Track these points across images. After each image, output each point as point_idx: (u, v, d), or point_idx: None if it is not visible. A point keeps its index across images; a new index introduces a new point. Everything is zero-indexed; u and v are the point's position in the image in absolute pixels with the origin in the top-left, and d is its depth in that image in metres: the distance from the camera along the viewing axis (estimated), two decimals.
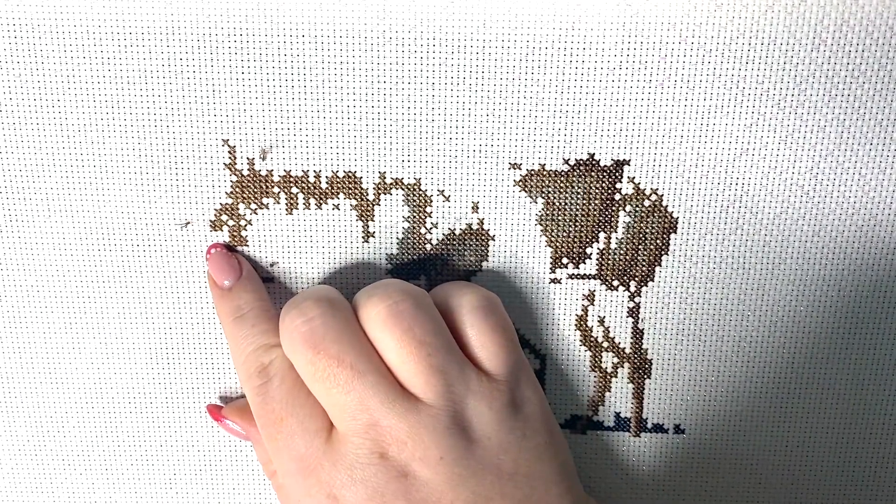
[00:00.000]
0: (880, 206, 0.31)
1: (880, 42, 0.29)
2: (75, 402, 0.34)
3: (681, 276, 0.33)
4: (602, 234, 0.32)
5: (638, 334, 0.33)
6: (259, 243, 0.33)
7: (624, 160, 0.31)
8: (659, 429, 0.34)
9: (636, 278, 0.33)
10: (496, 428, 0.29)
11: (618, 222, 0.32)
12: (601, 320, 0.33)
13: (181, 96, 0.30)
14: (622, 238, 0.32)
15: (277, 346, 0.30)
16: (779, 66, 0.30)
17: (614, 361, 0.34)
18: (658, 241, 0.32)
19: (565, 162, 0.31)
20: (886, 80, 0.30)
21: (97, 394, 0.34)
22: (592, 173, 0.31)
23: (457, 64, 0.30)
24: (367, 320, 0.29)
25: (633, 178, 0.31)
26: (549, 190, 0.32)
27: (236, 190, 0.32)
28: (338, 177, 0.32)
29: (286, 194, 0.32)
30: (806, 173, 0.31)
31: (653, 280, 0.33)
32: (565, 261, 0.33)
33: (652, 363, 0.34)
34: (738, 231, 0.32)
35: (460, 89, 0.30)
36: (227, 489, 0.35)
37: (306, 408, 0.29)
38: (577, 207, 0.32)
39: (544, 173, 0.31)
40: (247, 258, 0.33)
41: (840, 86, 0.30)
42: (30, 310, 0.33)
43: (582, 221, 0.32)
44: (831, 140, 0.31)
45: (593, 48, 0.30)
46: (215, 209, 0.32)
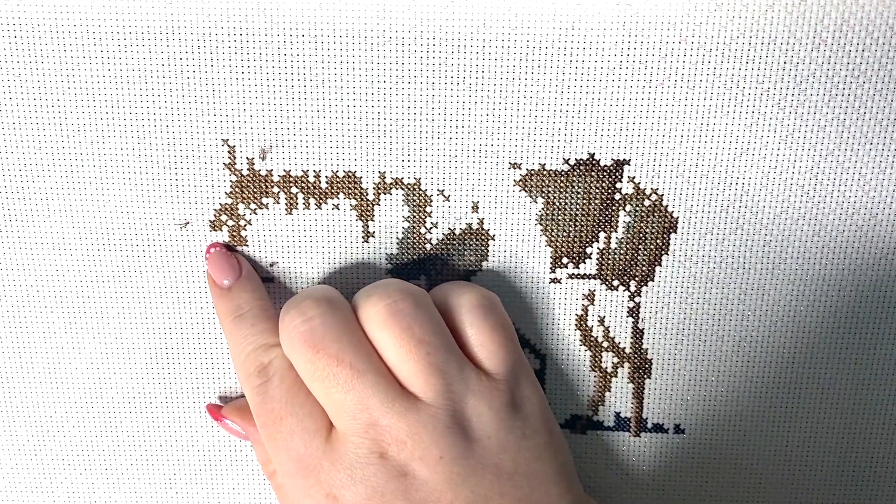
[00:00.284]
0: (880, 205, 0.31)
1: (880, 42, 0.29)
2: (75, 401, 0.34)
3: (681, 275, 0.33)
4: (602, 234, 0.32)
5: (638, 334, 0.33)
6: (259, 243, 0.32)
7: (624, 160, 0.31)
8: (659, 429, 0.34)
9: (636, 278, 0.33)
10: (496, 427, 0.29)
11: (618, 222, 0.32)
12: (601, 320, 0.33)
13: (181, 96, 0.30)
14: (622, 238, 0.32)
15: (277, 345, 0.30)
16: (779, 65, 0.30)
17: (614, 361, 0.34)
18: (658, 240, 0.32)
19: (565, 162, 0.31)
20: (886, 79, 0.30)
21: (97, 393, 0.34)
22: (592, 173, 0.31)
23: (457, 64, 0.30)
24: (367, 319, 0.29)
25: (634, 177, 0.31)
26: (550, 190, 0.32)
27: (236, 190, 0.32)
28: (338, 177, 0.32)
29: (286, 194, 0.32)
30: (806, 173, 0.31)
31: (653, 280, 0.33)
32: (565, 260, 0.33)
33: (652, 363, 0.34)
34: (739, 231, 0.32)
35: (460, 89, 0.30)
36: (226, 489, 0.35)
37: (306, 407, 0.29)
38: (578, 207, 0.32)
39: (544, 173, 0.31)
40: (246, 258, 0.33)
41: (840, 85, 0.30)
42: (29, 309, 0.33)
43: (582, 221, 0.32)
44: (831, 140, 0.31)
45: (593, 48, 0.30)
46: (215, 209, 0.32)
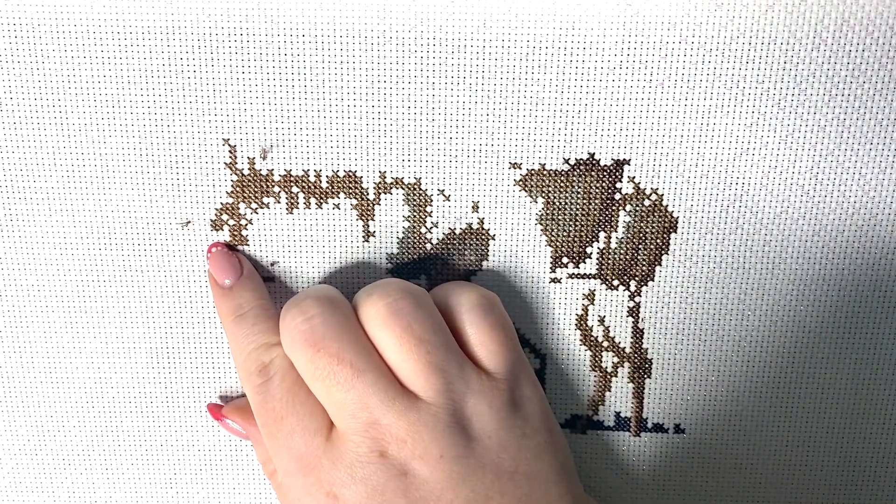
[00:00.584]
0: (880, 205, 0.31)
1: (881, 42, 0.29)
2: (75, 401, 0.34)
3: (681, 275, 0.33)
4: (602, 234, 0.32)
5: (638, 334, 0.33)
6: (259, 243, 0.33)
7: (624, 160, 0.31)
8: (659, 428, 0.34)
9: (636, 278, 0.33)
10: (496, 426, 0.29)
11: (618, 222, 0.32)
12: (601, 320, 0.33)
13: (182, 95, 0.30)
14: (622, 238, 0.32)
15: (278, 344, 0.30)
16: (779, 65, 0.30)
17: (614, 361, 0.34)
18: (658, 240, 0.32)
19: (565, 161, 0.31)
20: (887, 79, 0.30)
21: (97, 393, 0.34)
22: (593, 173, 0.31)
23: (457, 63, 0.30)
24: (367, 318, 0.29)
25: (634, 177, 0.31)
26: (550, 189, 0.32)
27: (237, 189, 0.32)
28: (338, 176, 0.32)
29: (287, 194, 0.32)
30: (806, 173, 0.31)
31: (653, 280, 0.33)
32: (565, 260, 0.33)
33: (652, 363, 0.34)
34: (739, 231, 0.32)
35: (461, 89, 0.30)
36: (226, 489, 0.35)
37: (306, 406, 0.29)
38: (578, 207, 0.32)
39: (544, 173, 0.31)
40: (247, 257, 0.33)
41: (840, 85, 0.30)
42: (30, 309, 0.33)
43: (582, 221, 0.32)
44: (831, 140, 0.31)
45: (594, 48, 0.30)
46: (216, 208, 0.32)
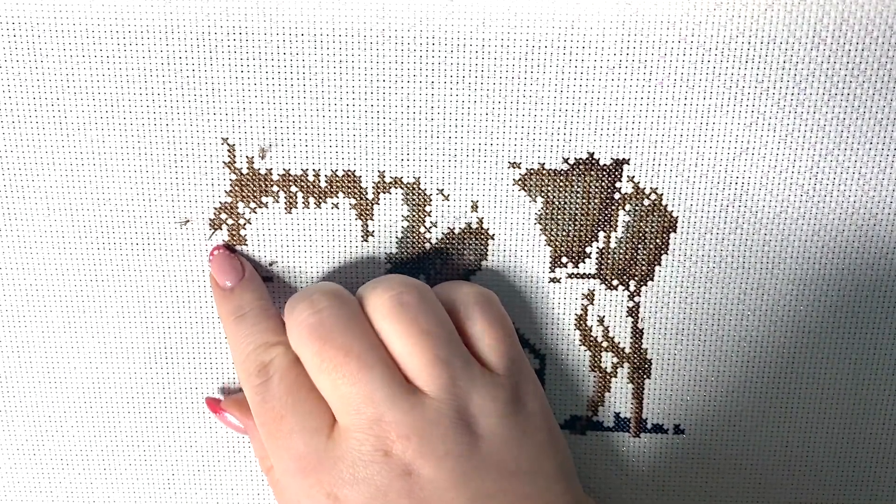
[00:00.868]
0: (880, 205, 0.31)
1: (880, 41, 0.29)
2: (74, 401, 0.34)
3: (680, 275, 0.33)
4: (602, 234, 0.32)
5: (637, 334, 0.33)
6: (258, 242, 0.32)
7: (623, 159, 0.31)
8: (658, 429, 0.34)
9: (636, 278, 0.33)
10: (500, 423, 0.29)
11: (617, 221, 0.32)
12: (601, 320, 0.33)
13: (180, 95, 0.30)
14: (622, 237, 0.32)
15: (278, 344, 0.30)
16: (778, 64, 0.30)
17: (614, 361, 0.34)
18: (658, 240, 0.32)
19: (565, 161, 0.31)
20: (886, 79, 0.30)
21: (95, 393, 0.34)
22: (592, 172, 0.31)
23: (456, 62, 0.30)
24: (373, 310, 0.29)
25: (633, 177, 0.31)
26: (549, 189, 0.32)
27: (235, 188, 0.32)
28: (337, 176, 0.32)
29: (285, 193, 0.32)
30: (805, 172, 0.31)
31: (652, 279, 0.33)
32: (565, 260, 0.33)
33: (651, 363, 0.34)
34: (738, 230, 0.32)
35: (460, 88, 0.30)
36: (225, 489, 0.35)
37: (307, 405, 0.29)
38: (577, 206, 0.32)
39: (544, 172, 0.31)
40: (245, 257, 0.33)
41: (840, 85, 0.30)
42: (28, 308, 0.33)
43: (581, 220, 0.32)
44: (831, 139, 0.31)
45: (592, 47, 0.30)
46: (214, 208, 0.32)
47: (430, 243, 0.33)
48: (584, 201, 0.32)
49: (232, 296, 0.32)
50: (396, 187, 0.32)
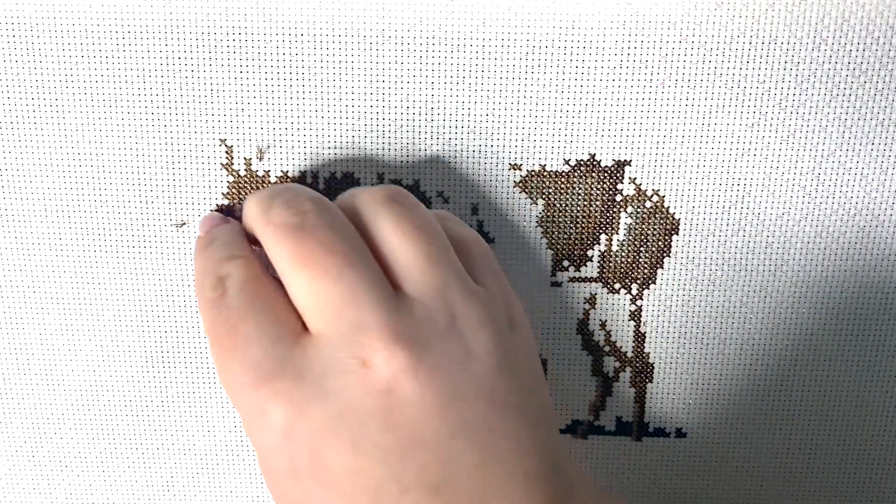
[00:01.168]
0: (883, 206, 0.31)
1: (881, 41, 0.29)
2: (71, 403, 0.34)
3: (683, 278, 0.32)
4: (603, 236, 0.32)
5: (640, 338, 0.33)
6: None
7: (625, 161, 0.31)
8: (661, 433, 0.34)
9: (638, 281, 0.32)
10: (495, 344, 0.25)
11: (619, 224, 0.32)
12: (602, 324, 0.33)
13: (178, 96, 0.30)
14: (624, 240, 0.32)
15: (238, 257, 0.27)
16: (780, 65, 0.30)
17: (616, 365, 0.34)
18: (660, 242, 0.32)
19: (566, 162, 0.31)
20: (888, 79, 0.30)
21: (93, 395, 0.34)
22: (593, 174, 0.31)
23: (456, 63, 0.30)
24: (364, 206, 0.27)
25: (635, 178, 0.31)
26: (550, 191, 0.31)
27: (233, 190, 0.31)
28: (336, 178, 0.31)
29: None
30: (808, 174, 0.31)
31: (655, 282, 0.32)
32: (566, 263, 0.32)
33: (654, 367, 0.33)
34: (741, 232, 0.32)
35: (460, 89, 0.30)
36: (224, 491, 0.35)
37: (270, 314, 0.25)
38: (578, 209, 0.32)
39: (545, 174, 0.31)
40: None
41: (842, 85, 0.30)
42: (24, 310, 0.33)
43: (583, 223, 0.32)
44: (833, 140, 0.31)
45: (594, 47, 0.30)
46: (212, 210, 0.32)
47: None
48: (585, 203, 0.32)
49: (207, 235, 0.29)
50: None
